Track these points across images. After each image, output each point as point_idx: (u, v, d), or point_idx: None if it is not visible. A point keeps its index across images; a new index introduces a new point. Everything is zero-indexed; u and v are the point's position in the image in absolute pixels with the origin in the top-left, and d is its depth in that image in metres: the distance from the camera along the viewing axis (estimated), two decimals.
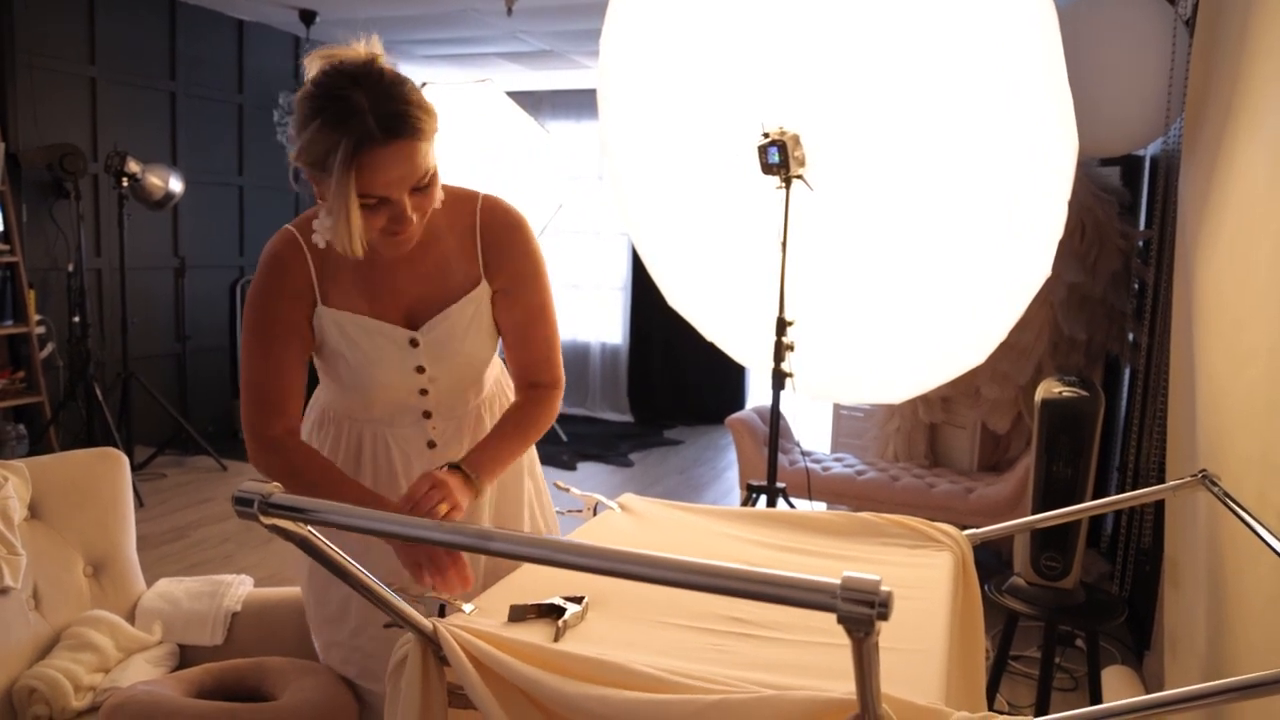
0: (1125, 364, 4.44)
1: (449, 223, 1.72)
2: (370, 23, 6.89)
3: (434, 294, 1.72)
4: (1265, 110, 2.23)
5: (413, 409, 1.79)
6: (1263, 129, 2.22)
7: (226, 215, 7.06)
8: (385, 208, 1.51)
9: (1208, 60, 2.88)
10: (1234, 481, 2.06)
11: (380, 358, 1.71)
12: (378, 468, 1.82)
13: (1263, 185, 2.18)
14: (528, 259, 1.77)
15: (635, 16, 2.96)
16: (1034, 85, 2.61)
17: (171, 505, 5.24)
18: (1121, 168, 4.58)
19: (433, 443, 1.83)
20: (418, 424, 1.81)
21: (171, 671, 2.17)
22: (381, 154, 1.45)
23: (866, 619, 0.81)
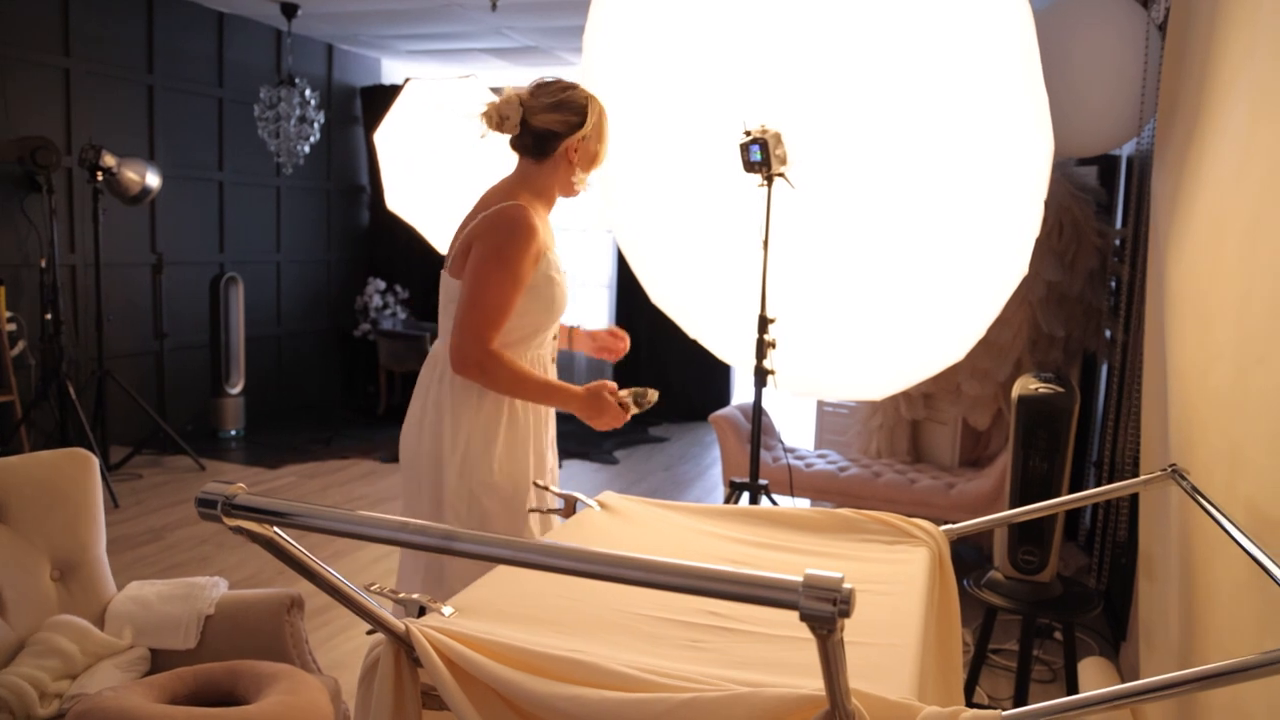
0: (1102, 360, 4.47)
1: None
2: (353, 17, 6.86)
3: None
4: (1230, 114, 2.25)
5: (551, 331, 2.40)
6: (1228, 132, 2.25)
7: (206, 211, 7.01)
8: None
9: (1179, 64, 2.90)
10: (1203, 476, 2.08)
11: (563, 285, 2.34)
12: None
13: (1228, 187, 2.20)
14: None
15: (618, 14, 2.95)
16: (1011, 86, 2.62)
17: (147, 506, 5.20)
18: (1098, 167, 4.61)
19: (554, 358, 2.46)
20: (549, 345, 2.42)
21: (142, 677, 2.14)
22: None
23: (829, 616, 0.81)
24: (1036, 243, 2.79)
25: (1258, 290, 1.90)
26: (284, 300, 7.79)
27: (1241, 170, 2.11)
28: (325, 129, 7.35)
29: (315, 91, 6.86)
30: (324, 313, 8.23)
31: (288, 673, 1.95)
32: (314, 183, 7.95)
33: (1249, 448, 1.85)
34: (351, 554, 4.42)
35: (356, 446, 6.76)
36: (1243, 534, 1.59)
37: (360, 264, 8.52)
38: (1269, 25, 2.00)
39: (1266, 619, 1.64)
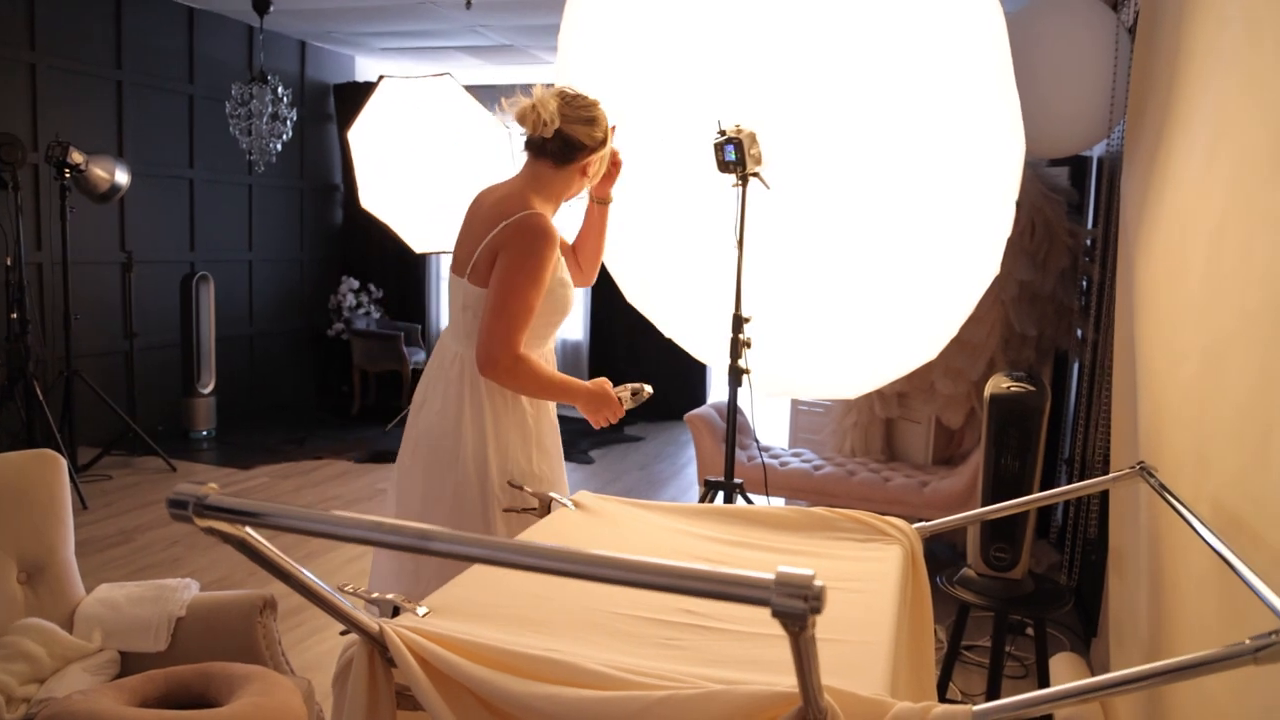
0: (1074, 359, 4.51)
1: None
2: (326, 14, 6.82)
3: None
4: (1197, 117, 2.28)
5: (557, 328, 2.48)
6: (1195, 135, 2.28)
7: (177, 208, 6.94)
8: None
9: (1147, 67, 2.94)
10: (1171, 473, 2.11)
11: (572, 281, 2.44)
12: None
13: (1195, 189, 2.24)
14: None
15: (593, 13, 2.95)
16: (983, 88, 2.65)
17: (117, 508, 5.14)
18: (1070, 168, 4.65)
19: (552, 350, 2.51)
20: (553, 341, 2.50)
21: (112, 680, 2.11)
22: None
23: (801, 613, 0.81)
24: (1009, 243, 2.81)
25: (1223, 290, 1.92)
26: (256, 299, 7.73)
27: (1207, 173, 2.14)
28: (298, 127, 7.30)
29: (288, 89, 6.80)
30: (297, 312, 8.18)
31: (260, 674, 1.93)
32: (287, 181, 7.90)
33: (1215, 445, 1.88)
34: (325, 555, 4.39)
35: (330, 447, 6.72)
36: (1208, 530, 1.62)
37: (334, 263, 8.47)
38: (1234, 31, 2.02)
39: (1231, 613, 1.66)
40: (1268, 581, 1.31)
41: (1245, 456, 1.69)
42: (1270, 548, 1.52)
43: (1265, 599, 1.27)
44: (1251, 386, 1.69)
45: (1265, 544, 1.54)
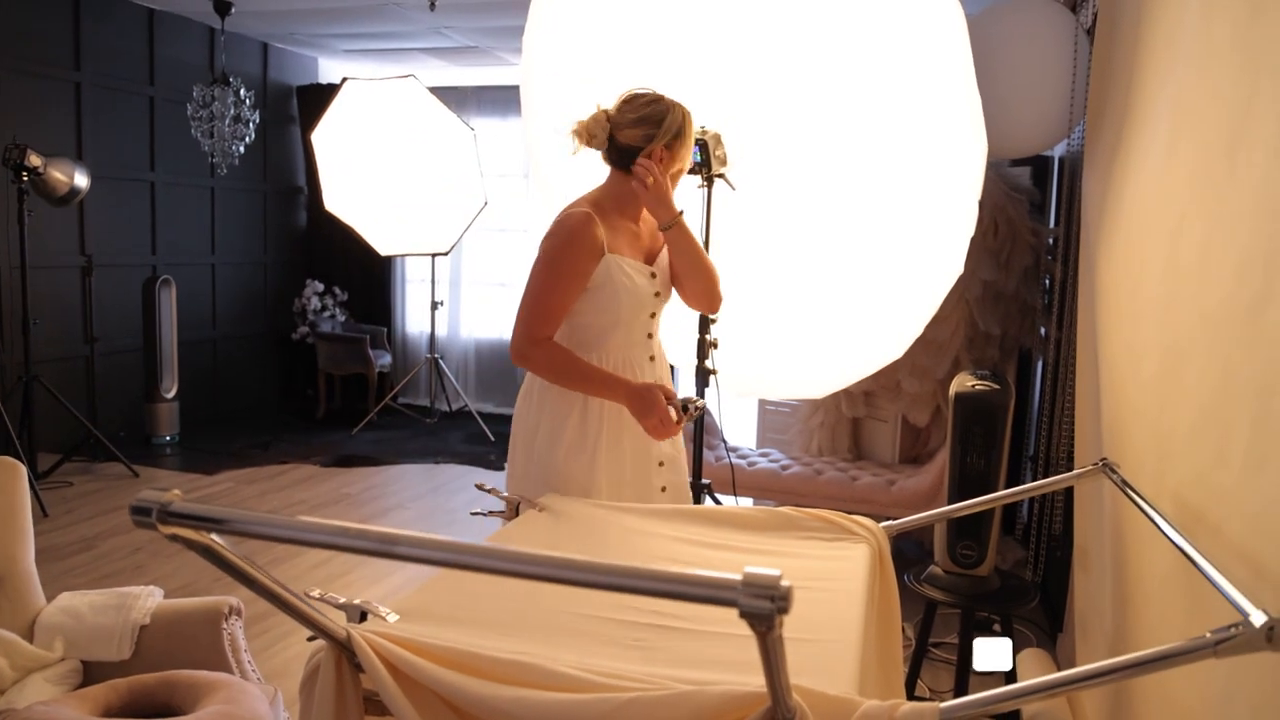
0: (1038, 357, 4.56)
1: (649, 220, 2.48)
2: (289, 15, 6.77)
3: (654, 247, 2.49)
4: (1155, 118, 2.31)
5: (643, 329, 2.46)
6: (1153, 135, 2.31)
7: (138, 212, 6.85)
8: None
9: (1106, 68, 2.97)
10: (1133, 469, 2.13)
11: (636, 285, 2.38)
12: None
13: (1154, 188, 2.27)
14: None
15: (557, 14, 2.95)
16: (945, 90, 2.67)
17: (78, 515, 5.07)
18: (1031, 168, 4.70)
19: (654, 356, 2.49)
20: (644, 344, 2.47)
21: (74, 690, 2.08)
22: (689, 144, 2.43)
23: (768, 613, 0.81)
24: (973, 242, 2.84)
25: (1181, 288, 1.95)
26: (219, 303, 7.65)
27: (1165, 172, 2.17)
28: (261, 129, 7.23)
29: (250, 91, 6.74)
30: (261, 315, 8.10)
31: (225, 682, 1.91)
32: (250, 183, 7.82)
33: (1176, 441, 1.91)
34: (291, 560, 4.35)
35: (295, 451, 6.66)
36: (1170, 525, 1.63)
37: (298, 266, 8.40)
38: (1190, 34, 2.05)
39: (1194, 607, 1.69)
40: (1228, 576, 1.32)
41: (1206, 453, 1.72)
42: (1230, 542, 1.54)
43: (1225, 593, 1.29)
44: (1211, 384, 1.71)
45: (1225, 539, 1.57)
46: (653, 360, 2.48)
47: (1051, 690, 1.28)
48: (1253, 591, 1.25)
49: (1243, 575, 1.40)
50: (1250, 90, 1.64)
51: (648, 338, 2.48)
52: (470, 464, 6.48)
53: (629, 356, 2.43)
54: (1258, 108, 1.60)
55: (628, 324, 2.42)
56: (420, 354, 8.41)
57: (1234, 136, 1.69)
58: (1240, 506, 1.53)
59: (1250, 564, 1.45)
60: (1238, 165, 1.67)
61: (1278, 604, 1.21)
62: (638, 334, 2.45)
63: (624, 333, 2.43)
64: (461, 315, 8.57)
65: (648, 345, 2.48)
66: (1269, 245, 1.48)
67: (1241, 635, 1.16)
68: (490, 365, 8.57)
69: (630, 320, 2.42)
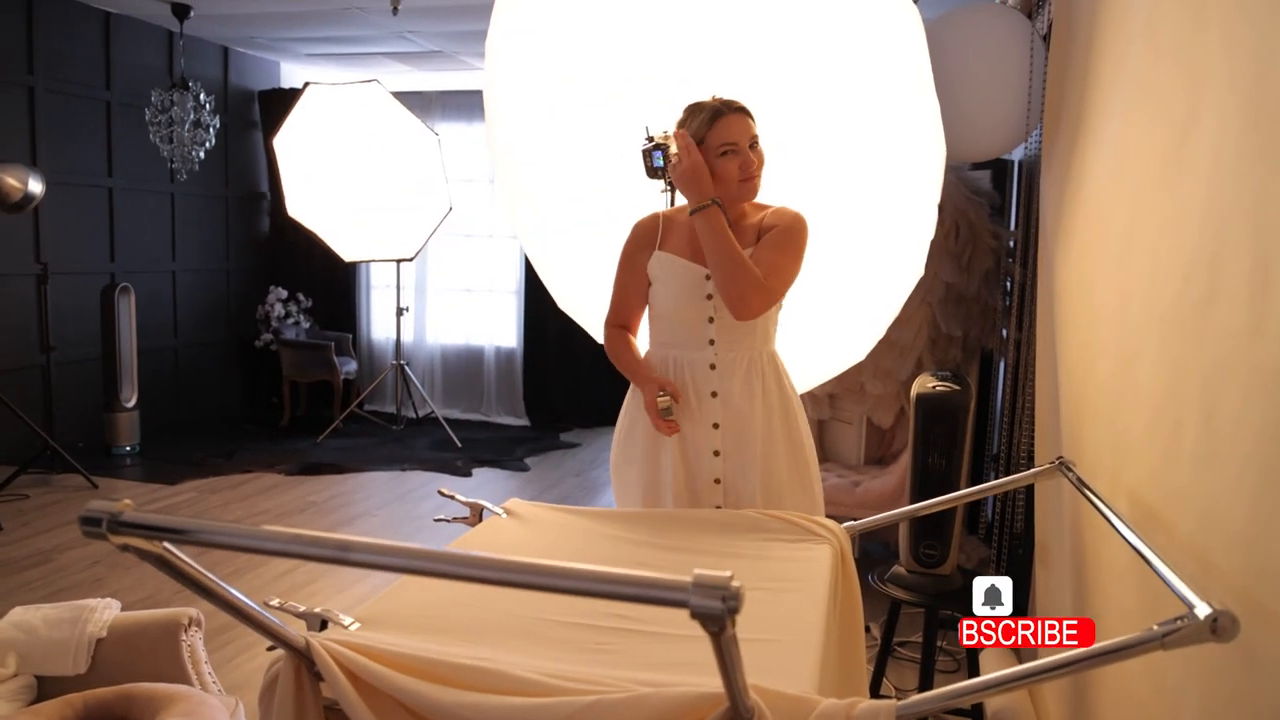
0: (999, 358, 4.60)
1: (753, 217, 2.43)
2: (249, 19, 6.71)
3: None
4: (1107, 123, 2.35)
5: (701, 334, 2.40)
6: (1106, 139, 2.35)
7: (95, 218, 6.76)
8: (735, 158, 2.32)
9: (1062, 73, 3.02)
10: (1090, 468, 2.17)
11: (684, 285, 2.39)
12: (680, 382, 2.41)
13: (1107, 191, 2.31)
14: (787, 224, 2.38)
15: (521, 19, 2.95)
16: (904, 95, 2.70)
17: (35, 528, 4.98)
18: (991, 171, 4.75)
19: (714, 365, 2.40)
20: (704, 349, 2.40)
21: (27, 705, 2.04)
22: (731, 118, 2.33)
23: (719, 613, 0.82)
24: (934, 245, 2.87)
25: (1135, 288, 1.99)
26: (181, 310, 7.57)
27: (1118, 176, 2.21)
28: (222, 134, 7.16)
29: (210, 95, 6.69)
30: (223, 323, 8.03)
31: (185, 694, 1.89)
32: (211, 189, 7.75)
33: (1130, 440, 1.94)
34: (254, 570, 4.31)
35: (259, 459, 6.60)
36: (1123, 523, 1.66)
37: (261, 272, 8.32)
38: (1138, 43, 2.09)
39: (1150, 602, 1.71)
40: (1179, 572, 1.35)
41: (1158, 451, 1.75)
42: (1182, 539, 1.57)
43: (1173, 587, 1.31)
44: (1163, 383, 1.75)
45: (1177, 535, 1.60)
46: (713, 369, 2.40)
47: (1008, 684, 1.30)
48: (1202, 587, 1.27)
49: (1193, 571, 1.43)
50: (1195, 97, 1.68)
51: (709, 344, 2.39)
52: (437, 470, 6.45)
53: (693, 359, 2.40)
54: (1202, 115, 1.63)
55: (679, 324, 2.43)
56: (386, 360, 8.36)
57: (1180, 142, 1.73)
58: (1191, 503, 1.56)
59: (1200, 560, 1.48)
60: (1184, 170, 1.71)
61: (1225, 598, 1.23)
62: (697, 338, 2.40)
63: (678, 332, 2.43)
64: (427, 321, 8.53)
65: (709, 353, 2.39)
66: (1215, 247, 1.52)
67: (1186, 628, 1.19)
68: (456, 371, 8.54)
69: (680, 320, 2.42)
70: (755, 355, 2.42)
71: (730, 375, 2.39)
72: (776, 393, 2.44)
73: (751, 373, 2.41)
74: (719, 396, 2.38)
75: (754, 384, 2.40)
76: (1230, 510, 1.38)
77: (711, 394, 2.38)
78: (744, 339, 2.40)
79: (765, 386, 2.42)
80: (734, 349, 2.39)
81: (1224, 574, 1.39)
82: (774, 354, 2.49)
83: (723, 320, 2.37)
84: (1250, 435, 1.33)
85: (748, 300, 2.28)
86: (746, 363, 2.40)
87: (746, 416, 2.39)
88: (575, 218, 3.11)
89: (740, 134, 2.31)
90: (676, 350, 2.43)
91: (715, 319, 2.38)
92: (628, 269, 2.48)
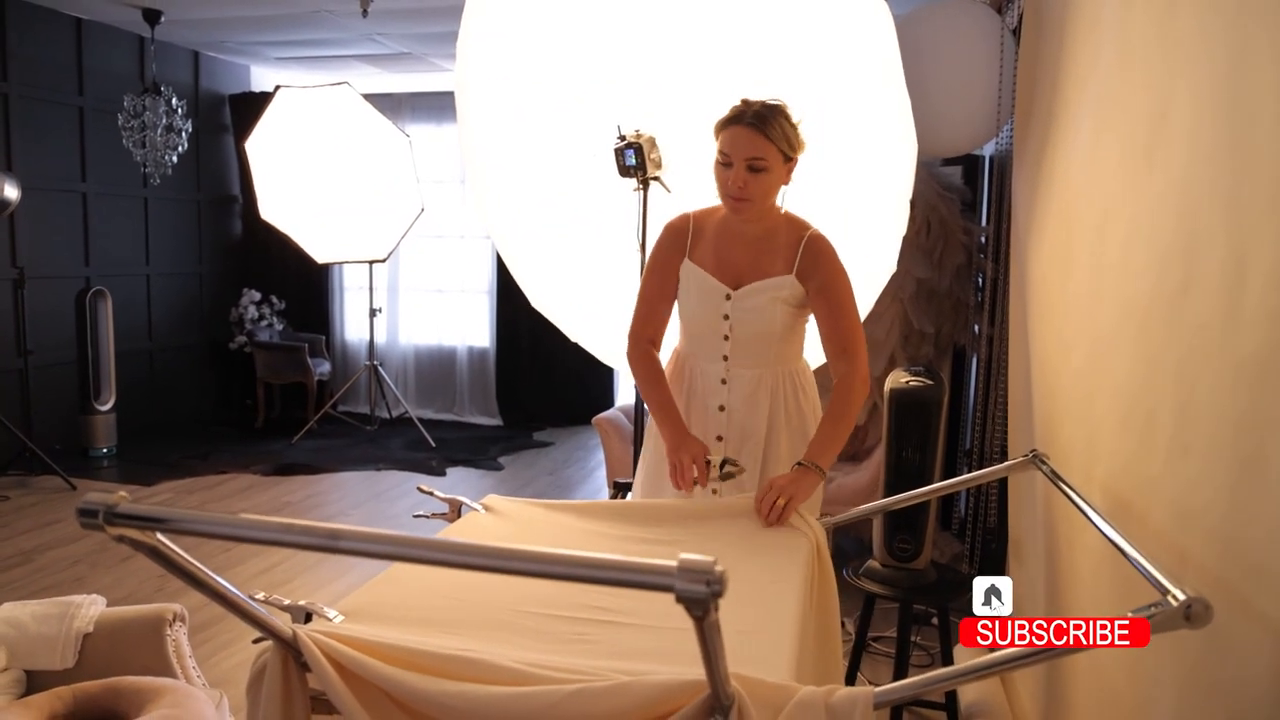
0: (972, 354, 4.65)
1: (785, 235, 2.33)
2: (218, 23, 6.69)
3: (755, 272, 2.34)
4: (1079, 118, 2.38)
5: (716, 349, 2.38)
6: (1078, 134, 2.38)
7: (70, 223, 6.71)
8: (728, 171, 2.22)
9: (1032, 67, 3.05)
10: (1063, 461, 2.19)
11: (703, 299, 2.36)
12: (692, 390, 2.44)
13: (1079, 186, 2.34)
14: (835, 276, 2.31)
15: (491, 20, 2.96)
16: (875, 91, 2.73)
17: (15, 529, 4.97)
18: (962, 167, 4.79)
19: (725, 379, 2.39)
20: (718, 362, 2.39)
21: (18, 699, 2.06)
22: (734, 130, 2.21)
23: (703, 597, 0.84)
24: (906, 241, 2.90)
25: (1106, 283, 2.02)
26: (155, 313, 7.52)
27: (1090, 169, 2.24)
28: (194, 138, 7.12)
29: (182, 100, 6.65)
30: (197, 325, 7.98)
31: (171, 687, 1.91)
32: (183, 193, 7.70)
33: (1103, 432, 1.97)
34: (236, 566, 4.32)
35: (234, 460, 6.57)
36: (1097, 513, 1.68)
37: (234, 275, 8.28)
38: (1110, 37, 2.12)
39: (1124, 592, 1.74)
40: (1154, 562, 1.36)
41: (1130, 442, 1.78)
42: (1156, 529, 1.60)
43: (1148, 573, 1.32)
44: (1137, 375, 1.77)
45: (1151, 526, 1.62)
46: (724, 384, 2.40)
47: (980, 672, 1.32)
48: (1176, 575, 1.28)
49: (1167, 560, 1.45)
50: (1166, 91, 1.71)
51: (722, 359, 2.39)
52: (411, 470, 6.45)
53: (706, 370, 2.41)
54: (1174, 108, 1.66)
55: (697, 335, 2.42)
56: (359, 361, 8.34)
57: (1153, 134, 1.76)
58: (1165, 494, 1.58)
59: (1174, 550, 1.50)
60: (1156, 162, 1.73)
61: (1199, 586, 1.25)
62: (712, 351, 2.40)
63: (696, 342, 2.43)
64: (400, 322, 8.52)
65: (721, 367, 2.39)
66: (1188, 239, 1.54)
67: (1161, 614, 1.20)
68: (430, 371, 8.53)
69: (699, 335, 2.42)
70: (772, 373, 2.39)
71: (739, 391, 2.39)
72: (794, 412, 2.41)
73: (761, 390, 2.38)
74: (725, 411, 2.39)
75: (762, 402, 2.38)
76: (1205, 500, 1.40)
77: (719, 407, 2.39)
78: (759, 356, 2.38)
79: (777, 405, 2.39)
80: (747, 366, 2.38)
81: (1198, 563, 1.41)
82: (798, 371, 2.45)
83: (737, 337, 2.36)
84: (1225, 426, 1.34)
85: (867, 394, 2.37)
86: (759, 380, 2.38)
87: (750, 433, 2.38)
88: (546, 219, 3.13)
89: (735, 148, 2.21)
90: (694, 359, 2.44)
91: (730, 336, 2.37)
92: (658, 274, 2.42)
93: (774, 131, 2.19)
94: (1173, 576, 1.27)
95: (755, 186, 2.22)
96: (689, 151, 2.78)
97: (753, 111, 2.20)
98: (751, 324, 2.35)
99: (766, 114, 2.20)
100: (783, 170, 2.25)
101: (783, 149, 2.21)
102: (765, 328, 2.35)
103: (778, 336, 2.36)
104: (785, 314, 2.34)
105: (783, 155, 2.22)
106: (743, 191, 2.21)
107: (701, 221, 2.39)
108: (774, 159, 2.21)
